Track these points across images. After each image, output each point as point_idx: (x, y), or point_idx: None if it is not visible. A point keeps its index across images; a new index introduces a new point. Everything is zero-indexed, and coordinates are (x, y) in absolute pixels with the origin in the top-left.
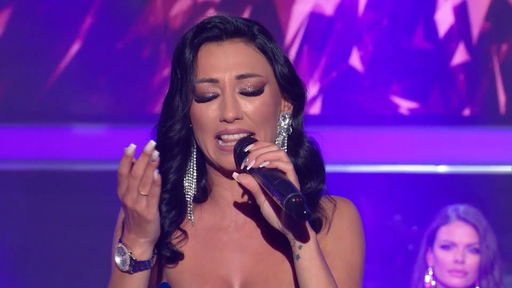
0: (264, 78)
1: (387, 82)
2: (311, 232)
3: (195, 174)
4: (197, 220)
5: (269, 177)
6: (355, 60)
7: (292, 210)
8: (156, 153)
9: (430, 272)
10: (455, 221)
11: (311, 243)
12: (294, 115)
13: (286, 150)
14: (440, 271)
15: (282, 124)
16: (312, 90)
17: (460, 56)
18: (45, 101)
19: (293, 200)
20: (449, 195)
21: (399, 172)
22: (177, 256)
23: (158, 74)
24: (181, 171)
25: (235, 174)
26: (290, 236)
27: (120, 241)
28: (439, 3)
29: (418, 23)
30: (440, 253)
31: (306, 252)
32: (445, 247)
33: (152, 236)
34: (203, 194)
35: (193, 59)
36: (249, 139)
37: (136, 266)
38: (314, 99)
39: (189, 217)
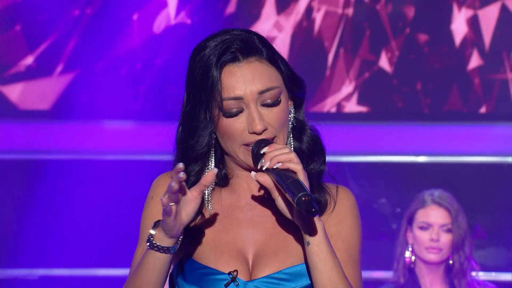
0: (280, 88)
1: (412, 82)
2: (319, 222)
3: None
4: (216, 201)
5: (282, 176)
6: (383, 62)
7: (302, 207)
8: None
9: (410, 249)
10: (431, 205)
11: (319, 232)
12: (297, 108)
13: (292, 139)
14: (419, 248)
15: (288, 117)
16: (347, 89)
17: (474, 61)
18: (81, 101)
19: (303, 198)
20: (426, 181)
21: (385, 162)
22: (199, 236)
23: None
24: (201, 174)
25: (253, 173)
26: (301, 226)
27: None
28: (454, 15)
29: (436, 32)
30: (418, 232)
31: (315, 239)
32: (422, 227)
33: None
34: (224, 180)
35: (218, 81)
36: (265, 141)
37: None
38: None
39: (206, 206)
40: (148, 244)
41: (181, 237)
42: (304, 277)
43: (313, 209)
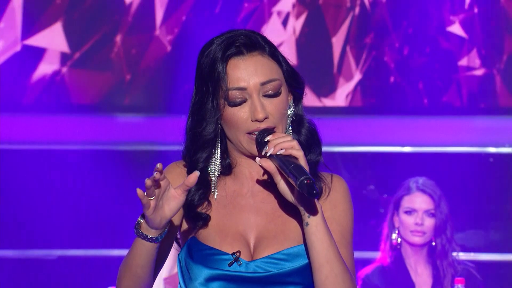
0: (280, 80)
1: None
2: (318, 204)
3: (219, 159)
4: (221, 188)
5: (285, 162)
6: (387, 59)
7: (304, 190)
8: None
9: (396, 232)
10: (416, 192)
11: (318, 213)
12: (296, 102)
13: (291, 131)
14: (404, 231)
15: (288, 111)
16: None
17: (470, 60)
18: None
19: (305, 181)
20: (412, 169)
21: (373, 152)
22: (206, 220)
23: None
24: (208, 161)
25: (257, 159)
26: (301, 208)
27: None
28: (447, 18)
29: (436, 32)
30: (404, 217)
31: (313, 220)
32: (408, 212)
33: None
34: (227, 169)
35: (224, 72)
36: (268, 130)
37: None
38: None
39: (213, 192)
40: (135, 231)
41: (166, 229)
42: (301, 257)
43: (314, 191)
